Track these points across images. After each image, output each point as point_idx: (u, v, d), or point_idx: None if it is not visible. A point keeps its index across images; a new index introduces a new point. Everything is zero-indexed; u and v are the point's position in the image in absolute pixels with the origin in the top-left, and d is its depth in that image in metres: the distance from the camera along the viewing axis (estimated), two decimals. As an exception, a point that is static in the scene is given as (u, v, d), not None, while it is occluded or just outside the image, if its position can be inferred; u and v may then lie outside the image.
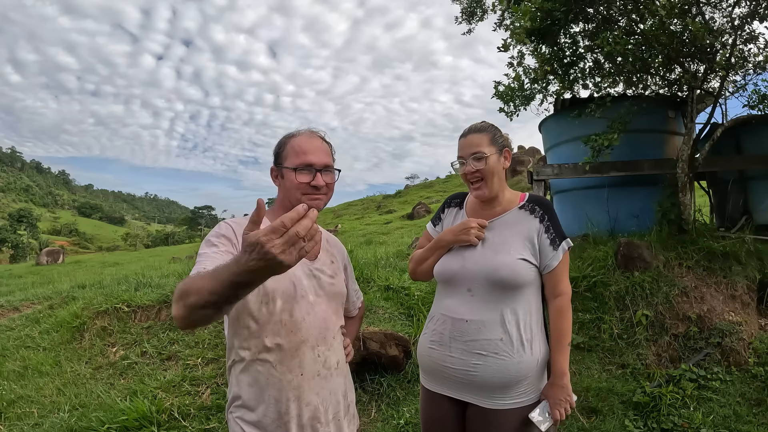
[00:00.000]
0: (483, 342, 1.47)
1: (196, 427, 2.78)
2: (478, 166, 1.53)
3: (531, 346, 1.48)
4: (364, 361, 3.24)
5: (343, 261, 1.58)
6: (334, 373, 1.37)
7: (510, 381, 1.46)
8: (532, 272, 1.50)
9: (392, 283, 4.70)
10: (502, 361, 1.46)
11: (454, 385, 1.53)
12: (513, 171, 31.43)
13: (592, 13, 4.49)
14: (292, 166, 1.35)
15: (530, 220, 1.54)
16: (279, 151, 1.41)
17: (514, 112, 5.23)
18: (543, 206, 1.57)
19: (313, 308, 1.35)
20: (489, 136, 1.56)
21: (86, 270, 12.29)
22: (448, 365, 1.53)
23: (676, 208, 4.59)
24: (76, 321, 4.12)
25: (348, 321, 1.67)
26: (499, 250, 1.51)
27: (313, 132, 1.42)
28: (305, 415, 1.29)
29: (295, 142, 1.38)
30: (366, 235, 14.09)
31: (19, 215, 64.12)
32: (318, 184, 1.34)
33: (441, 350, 1.54)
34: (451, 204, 1.75)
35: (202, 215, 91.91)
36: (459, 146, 1.60)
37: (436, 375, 1.58)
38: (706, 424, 2.85)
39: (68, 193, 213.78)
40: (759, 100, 4.41)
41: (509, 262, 1.47)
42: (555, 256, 1.50)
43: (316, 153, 1.36)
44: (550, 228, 1.53)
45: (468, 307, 1.51)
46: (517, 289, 1.48)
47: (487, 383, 1.47)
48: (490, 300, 1.49)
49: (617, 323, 3.83)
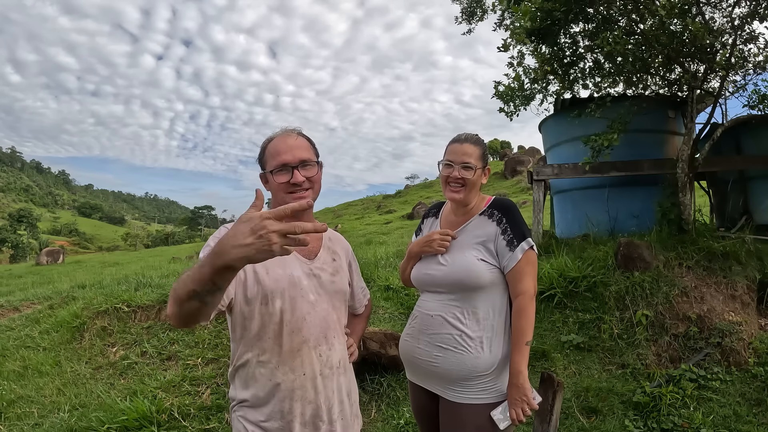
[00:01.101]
0: (444, 336, 1.58)
1: (196, 427, 2.78)
2: (464, 175, 1.61)
3: (490, 345, 1.55)
4: (364, 361, 3.24)
5: (348, 258, 1.58)
6: (337, 372, 1.37)
7: (467, 375, 1.53)
8: (492, 273, 1.57)
9: (392, 283, 4.70)
10: (459, 356, 1.54)
11: (423, 376, 1.65)
12: (513, 171, 31.39)
13: (592, 13, 4.50)
14: (270, 169, 1.37)
15: (488, 225, 1.62)
16: (260, 156, 1.44)
17: (514, 112, 5.24)
18: (502, 209, 1.63)
19: (313, 308, 1.35)
20: (480, 152, 1.65)
21: (86, 270, 12.29)
22: (416, 356, 1.65)
23: (676, 208, 4.60)
24: (76, 321, 4.12)
25: (354, 319, 1.67)
26: (458, 255, 1.61)
27: (288, 131, 1.43)
28: (307, 413, 1.30)
29: (270, 145, 1.41)
30: (366, 235, 14.10)
31: (19, 215, 64.13)
32: (296, 180, 1.35)
33: (412, 342, 1.67)
34: (428, 215, 1.87)
35: (202, 215, 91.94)
36: (451, 149, 1.66)
37: (409, 366, 1.71)
38: (706, 424, 2.85)
39: (68, 193, 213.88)
40: (759, 100, 4.41)
41: (466, 264, 1.57)
42: (512, 256, 1.55)
43: (289, 151, 1.37)
44: (507, 230, 1.58)
45: (435, 304, 1.63)
46: (479, 290, 1.56)
47: (447, 375, 1.56)
48: (455, 298, 1.59)
49: (617, 323, 3.83)
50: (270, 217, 0.87)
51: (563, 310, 4.07)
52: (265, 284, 1.30)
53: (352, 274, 1.59)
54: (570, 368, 3.54)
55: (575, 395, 3.21)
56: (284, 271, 1.33)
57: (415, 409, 1.78)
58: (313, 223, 0.97)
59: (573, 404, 3.11)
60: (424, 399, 1.68)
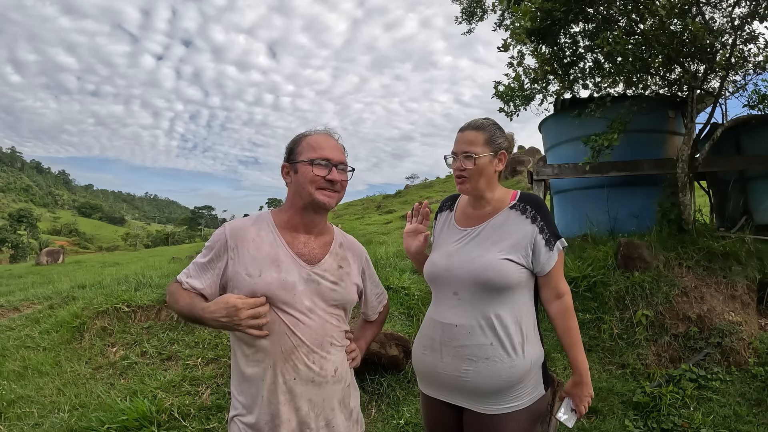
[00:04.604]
0: (473, 347, 1.43)
1: (196, 427, 2.78)
2: (466, 165, 1.50)
3: (523, 350, 1.43)
4: (364, 361, 3.20)
5: (360, 265, 1.54)
6: (331, 380, 1.36)
7: (503, 386, 1.42)
8: (521, 274, 1.44)
9: (392, 283, 4.69)
10: (493, 366, 1.41)
11: (448, 390, 1.50)
12: (513, 171, 31.39)
13: (592, 13, 4.49)
14: (308, 158, 1.35)
15: (522, 221, 1.48)
16: (293, 147, 1.41)
17: (514, 112, 5.23)
18: (535, 206, 1.50)
19: (308, 314, 1.33)
20: (486, 136, 1.51)
21: (86, 270, 12.28)
22: (440, 371, 1.49)
23: (676, 208, 4.59)
24: (76, 321, 4.12)
25: (366, 324, 1.66)
26: (485, 251, 1.47)
27: (330, 132, 1.45)
28: (294, 420, 1.30)
29: (311, 138, 1.40)
30: (366, 235, 14.09)
31: (19, 215, 64.11)
32: (334, 178, 1.35)
33: (433, 356, 1.51)
34: (443, 208, 1.73)
35: (202, 215, 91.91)
36: (455, 139, 1.56)
37: (429, 380, 1.55)
38: (706, 424, 2.85)
39: (68, 193, 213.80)
40: (759, 100, 4.41)
41: (494, 263, 1.43)
42: (551, 256, 1.45)
43: (332, 149, 1.38)
44: (544, 228, 1.46)
45: (456, 312, 1.47)
46: (505, 291, 1.43)
47: (479, 389, 1.43)
48: (477, 303, 1.45)
49: (617, 323, 3.83)
50: (243, 307, 1.22)
51: (563, 310, 4.07)
52: (255, 287, 1.29)
53: (365, 281, 1.56)
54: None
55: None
56: (278, 274, 1.32)
57: (431, 424, 1.60)
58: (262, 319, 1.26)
59: (573, 404, 3.11)
60: (445, 413, 1.53)
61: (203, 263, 1.37)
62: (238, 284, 1.31)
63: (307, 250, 1.40)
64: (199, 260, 1.38)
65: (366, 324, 1.67)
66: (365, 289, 1.57)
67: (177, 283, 1.37)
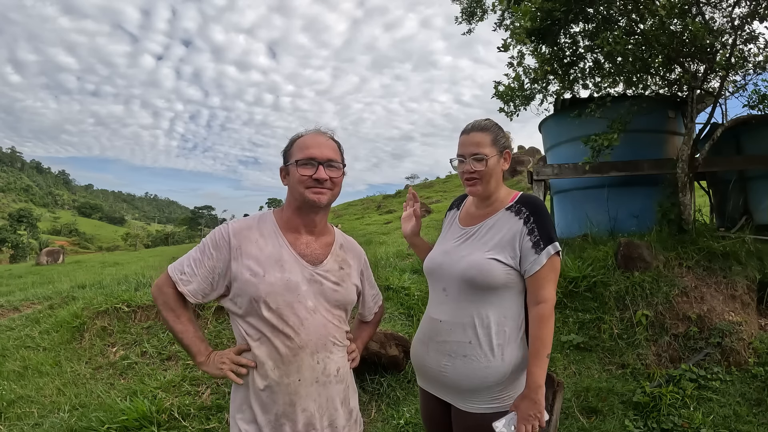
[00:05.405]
0: (453, 343, 1.47)
1: (196, 427, 2.78)
2: (477, 167, 1.50)
3: (502, 352, 1.43)
4: (364, 361, 3.22)
5: (360, 266, 1.56)
6: (334, 380, 1.36)
7: (478, 385, 1.43)
8: (508, 274, 1.44)
9: (392, 283, 4.69)
10: (470, 365, 1.43)
11: (433, 384, 1.56)
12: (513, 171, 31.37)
13: (592, 13, 4.50)
14: (295, 159, 1.37)
15: (513, 222, 1.48)
16: (286, 150, 1.43)
17: (514, 112, 5.24)
18: (531, 207, 1.49)
19: (311, 314, 1.34)
20: (491, 137, 1.52)
21: (86, 270, 12.28)
22: (426, 364, 1.55)
23: (676, 208, 4.60)
24: (76, 321, 4.12)
25: (361, 325, 1.67)
26: (475, 250, 1.49)
27: (320, 130, 1.45)
28: (300, 420, 1.30)
29: (300, 140, 1.41)
30: (366, 235, 14.08)
31: (19, 215, 64.10)
32: (320, 177, 1.35)
33: (422, 349, 1.57)
34: (453, 206, 1.77)
35: (202, 215, 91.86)
36: (460, 142, 1.56)
37: (420, 373, 1.62)
38: (706, 424, 2.85)
39: (68, 193, 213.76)
40: (759, 100, 4.41)
41: (479, 262, 1.44)
42: (537, 260, 1.41)
43: (319, 147, 1.38)
44: (534, 230, 1.44)
45: (443, 308, 1.52)
46: (490, 291, 1.44)
47: (456, 385, 1.46)
48: (463, 301, 1.47)
49: (617, 323, 3.83)
50: (229, 359, 1.33)
51: (563, 310, 4.07)
52: (258, 287, 1.29)
53: (363, 282, 1.57)
54: (570, 368, 3.54)
55: (575, 395, 3.21)
56: (282, 274, 1.32)
57: (425, 417, 1.67)
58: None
59: (573, 404, 3.11)
60: (436, 407, 1.58)
61: (200, 260, 1.37)
62: (242, 285, 1.31)
63: (309, 251, 1.40)
64: (196, 256, 1.38)
65: (362, 324, 1.68)
66: (363, 290, 1.58)
67: (170, 281, 1.37)
